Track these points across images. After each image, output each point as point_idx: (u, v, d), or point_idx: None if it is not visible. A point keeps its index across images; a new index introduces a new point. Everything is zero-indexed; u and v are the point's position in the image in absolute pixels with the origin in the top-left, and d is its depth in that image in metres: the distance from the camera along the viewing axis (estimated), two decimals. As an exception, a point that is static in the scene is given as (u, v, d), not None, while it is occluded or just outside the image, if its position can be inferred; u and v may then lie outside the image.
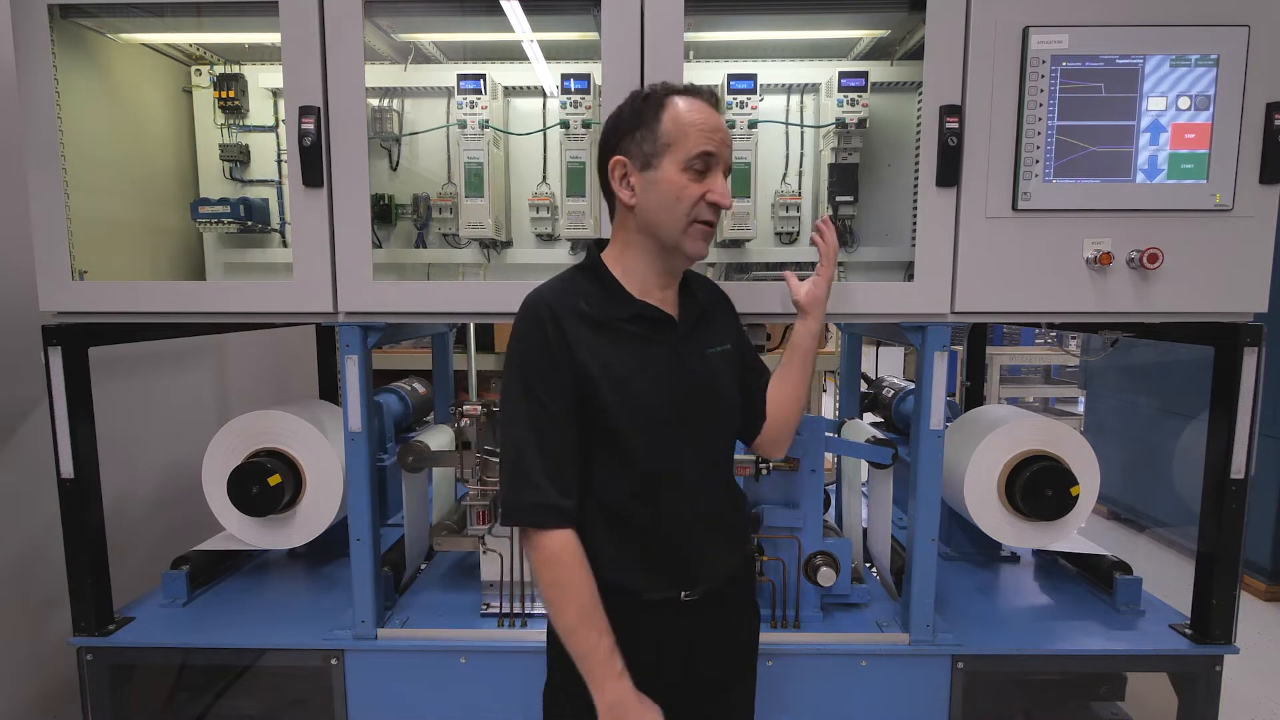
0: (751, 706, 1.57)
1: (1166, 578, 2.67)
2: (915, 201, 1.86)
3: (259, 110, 2.24)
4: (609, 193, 1.38)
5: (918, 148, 1.82)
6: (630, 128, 1.33)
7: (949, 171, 1.77)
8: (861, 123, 2.00)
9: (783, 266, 2.17)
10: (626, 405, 1.31)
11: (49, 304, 1.87)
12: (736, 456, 2.00)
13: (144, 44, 2.14)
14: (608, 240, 1.44)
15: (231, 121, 2.24)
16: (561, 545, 1.27)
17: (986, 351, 3.21)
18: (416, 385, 3.14)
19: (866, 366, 3.32)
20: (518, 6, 1.87)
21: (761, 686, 1.95)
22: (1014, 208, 1.79)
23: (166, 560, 2.27)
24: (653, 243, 1.36)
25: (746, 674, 1.55)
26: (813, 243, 1.61)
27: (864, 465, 2.40)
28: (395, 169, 2.25)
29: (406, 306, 1.90)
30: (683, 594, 1.39)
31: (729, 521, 1.48)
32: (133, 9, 1.92)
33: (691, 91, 1.34)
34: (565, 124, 1.99)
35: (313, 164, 1.79)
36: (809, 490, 2.06)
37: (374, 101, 2.19)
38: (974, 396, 3.17)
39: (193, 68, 2.25)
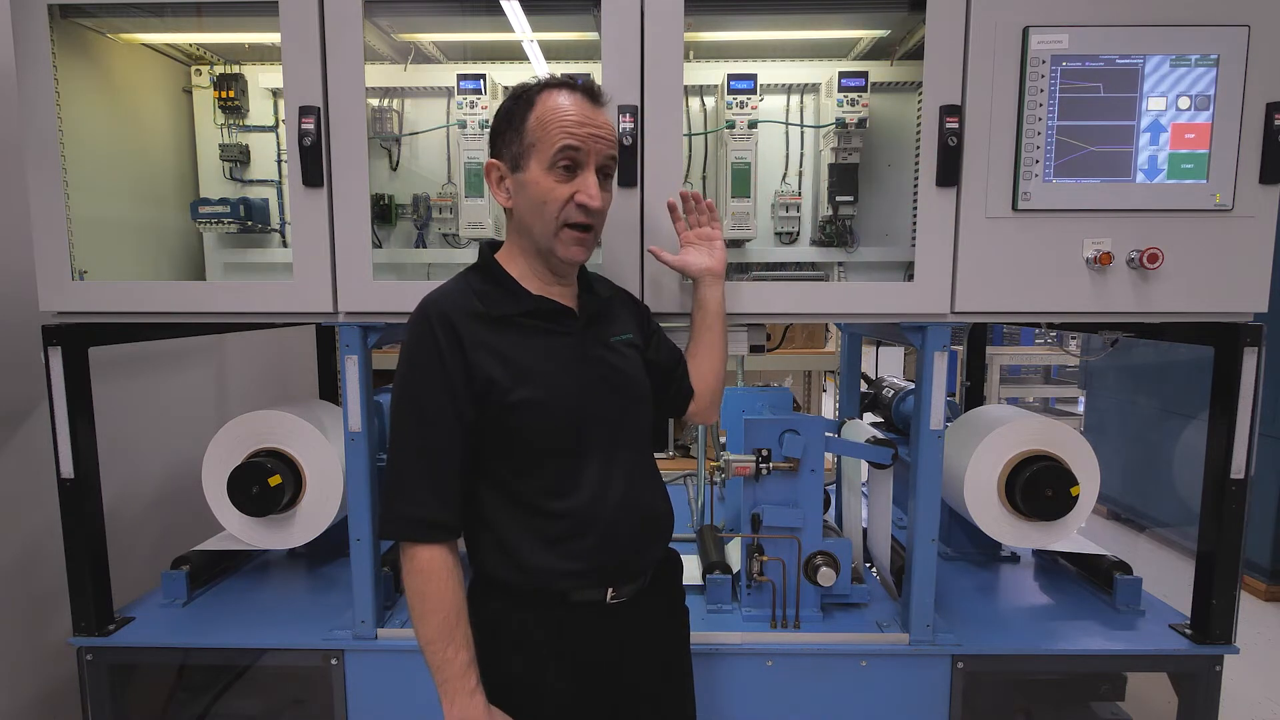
0: (689, 708, 1.51)
1: (1166, 578, 2.67)
2: (915, 201, 1.86)
3: (259, 110, 2.24)
4: None
5: (918, 148, 1.82)
6: (503, 128, 1.28)
7: (949, 171, 1.77)
8: (861, 123, 2.00)
9: (783, 266, 2.17)
10: (532, 398, 1.27)
11: (49, 304, 1.87)
12: (735, 456, 2.00)
13: (144, 44, 2.13)
14: (501, 240, 1.42)
15: (231, 121, 2.24)
16: (429, 558, 1.25)
17: (986, 351, 3.21)
18: (416, 385, 3.13)
19: (866, 366, 3.31)
20: (518, 6, 1.87)
21: (762, 686, 1.96)
22: (1014, 208, 1.79)
23: (166, 560, 2.27)
24: (532, 245, 1.32)
25: (680, 675, 1.50)
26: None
27: (864, 465, 2.40)
28: (395, 169, 2.25)
29: (407, 306, 1.88)
30: (609, 595, 1.35)
31: (653, 513, 1.41)
32: (133, 9, 1.91)
33: (565, 84, 1.27)
34: (565, 124, 1.99)
35: (313, 164, 1.79)
36: (809, 490, 2.06)
37: (374, 101, 2.19)
38: (974, 396, 3.17)
39: (193, 68, 2.25)
